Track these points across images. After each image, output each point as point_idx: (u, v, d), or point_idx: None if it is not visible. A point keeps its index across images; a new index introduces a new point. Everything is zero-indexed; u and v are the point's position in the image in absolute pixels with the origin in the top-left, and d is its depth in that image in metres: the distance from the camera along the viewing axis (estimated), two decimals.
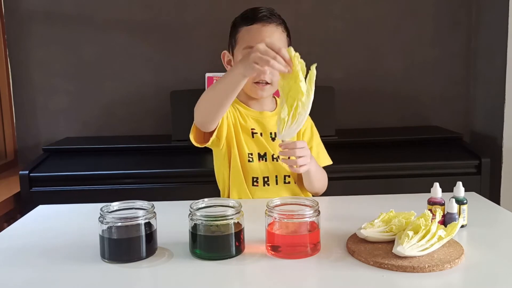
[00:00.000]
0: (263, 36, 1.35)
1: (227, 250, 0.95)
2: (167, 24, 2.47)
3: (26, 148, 2.49)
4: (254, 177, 1.42)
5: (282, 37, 1.39)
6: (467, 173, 2.06)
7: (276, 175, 1.43)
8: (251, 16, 1.38)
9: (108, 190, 1.97)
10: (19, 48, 2.44)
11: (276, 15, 1.40)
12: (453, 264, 0.89)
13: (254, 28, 1.37)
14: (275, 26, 1.38)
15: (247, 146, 1.42)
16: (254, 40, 1.33)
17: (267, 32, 1.36)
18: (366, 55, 2.55)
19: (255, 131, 1.44)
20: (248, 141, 1.43)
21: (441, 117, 2.59)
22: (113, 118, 2.51)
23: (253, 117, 1.45)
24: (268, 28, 1.36)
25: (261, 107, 1.48)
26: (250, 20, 1.38)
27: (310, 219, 0.96)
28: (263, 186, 1.42)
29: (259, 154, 1.43)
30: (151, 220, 0.97)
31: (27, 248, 1.04)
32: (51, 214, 1.29)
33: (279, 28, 1.39)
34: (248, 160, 1.41)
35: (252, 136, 1.44)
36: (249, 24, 1.38)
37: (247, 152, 1.42)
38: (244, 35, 1.38)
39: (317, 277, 0.90)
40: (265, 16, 1.37)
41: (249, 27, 1.38)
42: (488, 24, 2.41)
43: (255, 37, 1.35)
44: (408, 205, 1.12)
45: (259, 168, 1.42)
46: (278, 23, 1.39)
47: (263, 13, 1.37)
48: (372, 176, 2.06)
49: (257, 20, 1.37)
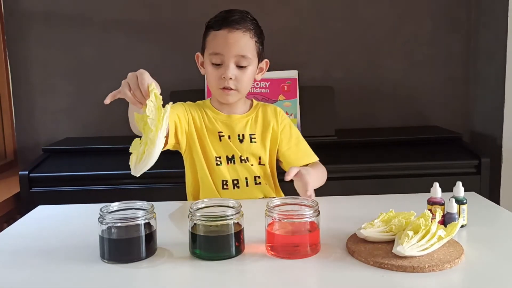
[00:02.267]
0: (228, 43, 1.34)
1: (227, 250, 0.95)
2: (166, 24, 2.47)
3: (26, 148, 2.49)
4: (223, 180, 1.41)
5: (249, 43, 1.37)
6: (466, 173, 2.06)
7: (246, 177, 1.42)
8: (220, 21, 1.36)
9: (108, 191, 1.97)
10: (18, 48, 2.44)
11: (249, 20, 1.38)
12: (453, 264, 0.89)
13: (220, 34, 1.35)
14: (242, 32, 1.35)
15: (214, 150, 1.42)
16: (219, 47, 1.34)
17: (232, 38, 1.34)
18: (365, 55, 2.55)
19: (222, 134, 1.43)
20: (216, 144, 1.42)
21: (440, 117, 2.59)
22: (112, 119, 2.51)
23: (221, 120, 1.45)
24: (233, 35, 1.34)
25: (232, 110, 1.47)
26: (219, 24, 1.36)
27: (310, 219, 0.96)
28: (233, 189, 1.41)
29: (227, 157, 1.42)
30: (151, 221, 0.97)
31: (27, 248, 1.04)
32: (51, 215, 1.29)
33: (247, 34, 1.36)
34: (216, 163, 1.41)
35: (219, 139, 1.43)
36: (216, 29, 1.36)
37: (214, 155, 1.41)
38: (211, 40, 1.38)
39: (317, 277, 0.90)
40: (234, 21, 1.35)
41: (216, 32, 1.36)
42: (488, 24, 2.41)
43: (220, 43, 1.35)
44: (408, 205, 1.12)
45: (228, 171, 1.41)
46: (246, 29, 1.36)
47: (233, 18, 1.35)
48: (371, 176, 2.06)
49: (224, 26, 1.35)
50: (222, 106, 1.47)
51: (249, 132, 1.45)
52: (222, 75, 1.36)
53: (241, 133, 1.45)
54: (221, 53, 1.35)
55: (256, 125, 1.47)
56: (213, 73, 1.38)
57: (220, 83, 1.37)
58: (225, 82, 1.36)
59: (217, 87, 1.39)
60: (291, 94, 2.24)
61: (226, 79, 1.36)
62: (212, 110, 1.47)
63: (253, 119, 1.48)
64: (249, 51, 1.37)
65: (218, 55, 1.35)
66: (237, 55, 1.35)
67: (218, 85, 1.38)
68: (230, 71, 1.35)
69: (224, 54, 1.35)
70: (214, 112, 1.47)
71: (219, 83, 1.37)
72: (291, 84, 2.22)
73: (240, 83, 1.38)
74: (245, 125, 1.46)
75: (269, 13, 2.42)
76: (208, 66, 1.39)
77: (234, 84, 1.37)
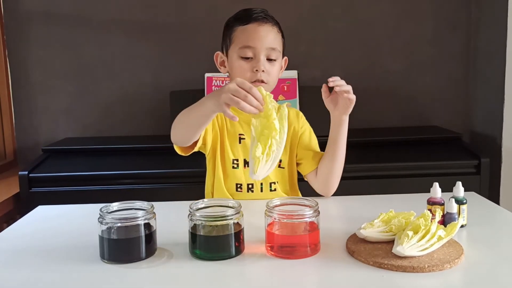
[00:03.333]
0: (260, 35, 1.33)
1: (227, 250, 0.95)
2: (166, 25, 2.47)
3: (25, 148, 2.49)
4: (238, 184, 1.40)
5: (277, 37, 1.37)
6: (466, 173, 2.06)
7: (261, 182, 1.40)
8: (246, 16, 1.36)
9: (108, 191, 1.97)
10: (18, 48, 2.44)
11: (270, 16, 1.39)
12: (452, 264, 0.89)
13: (250, 27, 1.34)
14: (270, 26, 1.36)
15: (232, 152, 1.40)
16: (250, 39, 1.32)
17: (263, 31, 1.34)
18: (366, 55, 2.55)
19: (243, 137, 1.41)
20: (234, 146, 1.41)
21: (440, 117, 2.59)
22: (112, 119, 2.51)
23: (243, 120, 1.42)
24: (264, 28, 1.34)
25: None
26: (246, 19, 1.36)
27: (310, 219, 0.96)
28: (247, 192, 1.40)
29: (245, 160, 1.40)
30: (151, 221, 0.97)
31: (27, 248, 1.04)
32: (50, 215, 1.29)
33: (275, 28, 1.37)
34: (232, 166, 1.40)
35: (239, 142, 1.41)
36: (244, 24, 1.35)
37: (231, 158, 1.40)
38: (239, 34, 1.36)
39: (317, 277, 0.90)
40: (260, 16, 1.35)
41: (244, 27, 1.35)
42: (488, 24, 2.41)
43: (251, 36, 1.33)
44: (407, 205, 1.12)
45: (244, 175, 1.40)
46: (273, 23, 1.37)
47: (258, 13, 1.36)
48: (371, 176, 2.07)
49: (252, 20, 1.35)
50: None
51: None
52: (254, 68, 1.33)
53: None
54: (253, 45, 1.32)
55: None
56: (244, 67, 1.34)
57: (252, 76, 1.34)
58: (257, 74, 1.33)
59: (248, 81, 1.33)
60: (291, 94, 2.24)
61: (258, 71, 1.32)
62: (233, 109, 1.44)
63: None
64: (278, 44, 1.36)
65: (249, 48, 1.33)
66: (268, 47, 1.33)
67: (249, 79, 1.34)
68: (262, 64, 1.33)
69: (255, 46, 1.32)
70: (236, 111, 1.43)
71: (251, 76, 1.34)
72: (290, 84, 2.23)
73: (271, 76, 1.35)
74: None
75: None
76: (237, 61, 1.35)
77: (265, 77, 1.34)
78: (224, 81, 2.26)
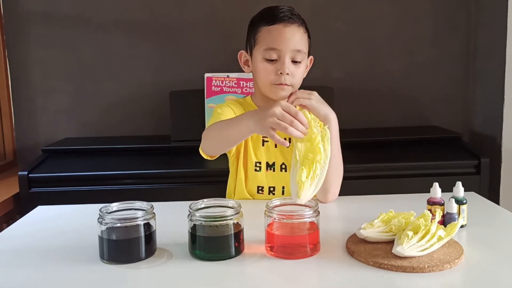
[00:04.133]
0: (285, 37, 1.30)
1: (227, 250, 0.95)
2: (166, 25, 2.47)
3: (25, 148, 2.49)
4: (259, 186, 1.39)
5: (303, 38, 1.34)
6: (466, 173, 2.06)
7: (283, 185, 1.40)
8: (272, 16, 1.32)
9: (107, 191, 1.97)
10: (18, 48, 2.44)
11: (297, 14, 1.35)
12: (452, 264, 0.89)
13: (276, 28, 1.31)
14: (297, 26, 1.32)
15: (255, 155, 1.39)
16: (276, 41, 1.29)
17: (288, 32, 1.30)
18: (365, 55, 2.55)
19: (266, 140, 1.40)
20: (257, 149, 1.40)
21: (440, 117, 2.59)
22: (112, 119, 2.51)
23: None
24: (290, 29, 1.31)
25: None
26: (271, 19, 1.32)
27: (310, 219, 0.96)
28: (268, 195, 1.39)
29: (268, 163, 1.40)
30: (150, 221, 0.97)
31: (26, 248, 1.04)
32: (50, 215, 1.29)
33: (301, 29, 1.33)
34: (255, 169, 1.39)
35: (262, 144, 1.40)
36: (270, 24, 1.31)
37: (254, 160, 1.39)
38: (265, 35, 1.32)
39: (317, 277, 0.90)
40: (286, 16, 1.31)
41: (270, 27, 1.31)
42: (487, 24, 2.41)
43: (277, 38, 1.30)
44: (407, 205, 1.12)
45: (266, 178, 1.39)
46: (300, 24, 1.33)
47: (284, 13, 1.32)
48: (371, 176, 2.06)
49: (278, 20, 1.31)
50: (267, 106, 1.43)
51: None
52: (278, 70, 1.31)
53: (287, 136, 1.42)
54: (278, 48, 1.30)
55: None
56: (268, 69, 1.32)
57: (276, 79, 1.32)
58: (281, 78, 1.31)
59: (272, 83, 1.33)
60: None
61: (283, 74, 1.30)
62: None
63: None
64: (303, 46, 1.33)
65: (275, 50, 1.30)
66: (293, 49, 1.30)
67: (273, 81, 1.32)
68: (287, 66, 1.30)
69: (280, 49, 1.30)
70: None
71: (275, 79, 1.32)
72: None
73: (295, 79, 1.33)
74: None
75: None
76: (261, 62, 1.33)
77: (289, 79, 1.32)
78: (224, 81, 2.26)
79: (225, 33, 2.48)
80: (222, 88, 2.25)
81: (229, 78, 2.26)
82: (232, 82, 2.25)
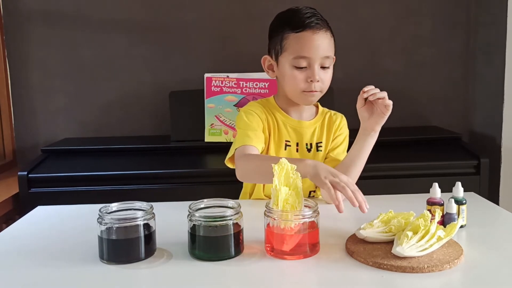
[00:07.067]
0: (314, 45, 1.29)
1: (226, 251, 0.95)
2: (166, 25, 2.47)
3: (24, 148, 2.49)
4: None
5: (330, 43, 1.34)
6: (466, 173, 2.06)
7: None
8: (299, 21, 1.31)
9: (107, 191, 1.96)
10: (17, 48, 2.44)
11: (322, 18, 1.34)
12: (452, 265, 0.89)
13: (304, 36, 1.29)
14: (324, 32, 1.31)
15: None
16: (305, 50, 1.29)
17: (317, 40, 1.29)
18: (365, 55, 2.55)
19: (289, 144, 1.40)
20: (279, 152, 1.40)
21: (440, 117, 2.59)
22: (112, 119, 2.51)
23: (290, 126, 1.40)
24: (318, 36, 1.30)
25: (301, 114, 1.43)
26: (299, 25, 1.30)
27: (310, 219, 0.96)
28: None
29: None
30: (150, 221, 0.97)
31: (26, 249, 1.04)
32: (50, 215, 1.29)
33: (328, 33, 1.33)
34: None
35: (284, 148, 1.40)
36: (298, 31, 1.30)
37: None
38: (293, 42, 1.30)
39: (316, 277, 0.90)
40: (313, 22, 1.30)
41: (298, 34, 1.30)
42: (487, 24, 2.41)
43: (306, 46, 1.29)
44: (407, 206, 1.12)
45: None
46: (326, 28, 1.33)
47: (311, 19, 1.30)
48: (371, 176, 2.06)
49: (306, 27, 1.30)
50: (291, 109, 1.42)
51: (316, 140, 1.43)
52: (308, 78, 1.31)
53: (309, 142, 1.42)
54: (308, 56, 1.29)
55: (322, 133, 1.44)
56: (298, 77, 1.31)
57: (307, 86, 1.32)
58: (311, 85, 1.31)
59: (301, 90, 1.33)
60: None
61: (313, 81, 1.31)
62: (281, 114, 1.41)
63: (320, 127, 1.44)
64: (331, 51, 1.33)
65: (304, 58, 1.30)
66: (322, 56, 1.31)
67: (303, 88, 1.32)
68: (317, 74, 1.30)
69: (310, 56, 1.29)
70: (284, 116, 1.41)
71: (305, 86, 1.32)
72: None
73: (324, 84, 1.34)
74: (313, 132, 1.42)
75: (269, 14, 2.42)
76: (290, 70, 1.32)
77: (319, 86, 1.32)
78: (224, 81, 2.26)
79: (225, 33, 2.48)
80: (222, 88, 2.25)
81: (229, 78, 2.26)
82: (232, 82, 2.25)
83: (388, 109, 1.29)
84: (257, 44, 2.55)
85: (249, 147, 1.30)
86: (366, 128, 1.33)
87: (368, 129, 1.33)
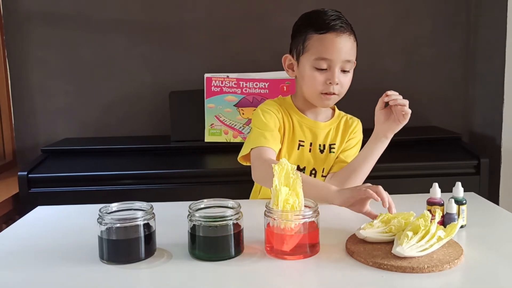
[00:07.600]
0: (337, 47, 1.29)
1: (226, 251, 0.95)
2: (165, 25, 2.47)
3: (24, 149, 2.49)
4: None
5: (353, 47, 1.34)
6: (466, 174, 2.06)
7: None
8: (323, 23, 1.31)
9: (107, 191, 1.96)
10: (17, 48, 2.44)
11: (345, 20, 1.34)
12: (452, 265, 0.89)
13: (328, 38, 1.30)
14: (347, 35, 1.32)
15: (288, 157, 1.39)
16: (327, 52, 1.30)
17: (340, 43, 1.30)
18: (365, 55, 2.54)
19: (302, 144, 1.41)
20: (292, 152, 1.40)
21: (440, 117, 2.59)
22: (112, 119, 2.51)
23: (306, 126, 1.41)
24: (342, 39, 1.30)
25: (317, 115, 1.44)
26: (322, 27, 1.31)
27: (310, 219, 0.96)
28: None
29: (298, 166, 1.40)
30: (150, 221, 0.97)
31: (26, 249, 1.04)
32: (50, 215, 1.29)
33: (351, 37, 1.33)
34: None
35: (297, 148, 1.41)
36: (321, 32, 1.31)
37: None
38: (316, 43, 1.31)
39: (316, 278, 0.89)
40: (337, 25, 1.31)
41: (321, 36, 1.30)
42: (487, 24, 2.41)
43: (328, 48, 1.29)
44: (407, 206, 1.12)
45: None
46: (350, 32, 1.33)
47: (335, 21, 1.31)
48: (371, 176, 2.05)
49: (330, 29, 1.30)
50: (307, 110, 1.43)
51: (330, 141, 1.44)
52: (328, 80, 1.31)
53: (323, 143, 1.42)
54: (329, 58, 1.30)
55: (337, 135, 1.45)
56: (317, 78, 1.32)
57: (325, 88, 1.33)
58: (330, 87, 1.32)
59: (319, 92, 1.34)
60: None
61: (332, 84, 1.31)
62: (298, 114, 1.42)
63: (335, 129, 1.45)
64: (353, 55, 1.34)
65: (325, 60, 1.30)
66: (344, 60, 1.31)
67: (322, 90, 1.33)
68: (337, 77, 1.31)
69: (332, 59, 1.30)
70: (300, 116, 1.42)
71: (323, 88, 1.33)
72: (290, 85, 2.22)
73: (343, 88, 1.35)
74: (327, 134, 1.43)
75: (269, 14, 2.42)
76: (310, 70, 1.33)
77: (338, 89, 1.33)
78: (224, 81, 2.26)
79: (225, 33, 2.48)
80: (222, 88, 2.25)
81: (229, 78, 2.25)
82: (232, 83, 2.25)
83: (406, 118, 1.30)
84: (257, 44, 2.57)
85: (266, 149, 1.31)
86: (379, 133, 1.34)
87: (380, 134, 1.34)
